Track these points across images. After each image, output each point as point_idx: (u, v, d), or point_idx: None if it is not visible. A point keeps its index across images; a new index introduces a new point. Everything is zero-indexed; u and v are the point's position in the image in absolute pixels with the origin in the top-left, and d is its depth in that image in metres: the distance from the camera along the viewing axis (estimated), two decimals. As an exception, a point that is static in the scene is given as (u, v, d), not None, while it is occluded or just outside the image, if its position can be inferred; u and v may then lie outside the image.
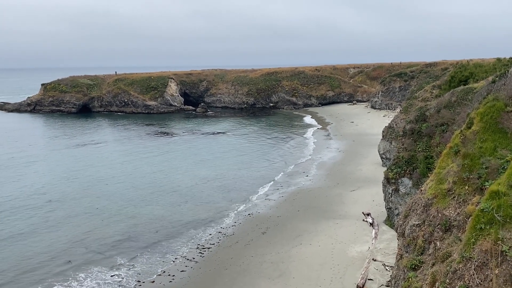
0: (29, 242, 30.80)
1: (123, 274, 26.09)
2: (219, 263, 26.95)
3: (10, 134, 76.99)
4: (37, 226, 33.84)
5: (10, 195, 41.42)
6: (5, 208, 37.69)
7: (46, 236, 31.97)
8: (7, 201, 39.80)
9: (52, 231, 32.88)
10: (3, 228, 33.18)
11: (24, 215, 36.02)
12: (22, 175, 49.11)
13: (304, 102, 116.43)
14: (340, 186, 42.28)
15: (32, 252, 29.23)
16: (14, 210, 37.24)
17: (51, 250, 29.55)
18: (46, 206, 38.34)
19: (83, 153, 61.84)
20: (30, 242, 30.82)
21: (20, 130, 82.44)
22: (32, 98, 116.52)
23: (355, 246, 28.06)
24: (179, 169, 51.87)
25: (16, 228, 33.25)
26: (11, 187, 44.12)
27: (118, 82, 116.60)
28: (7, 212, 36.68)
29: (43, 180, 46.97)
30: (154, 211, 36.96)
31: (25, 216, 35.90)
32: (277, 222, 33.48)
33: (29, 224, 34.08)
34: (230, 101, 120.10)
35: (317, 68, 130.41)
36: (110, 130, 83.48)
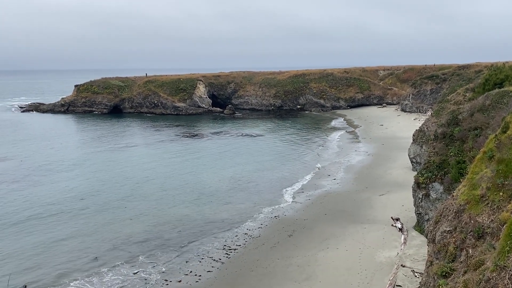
0: (59, 238, 31.70)
1: (149, 272, 26.49)
2: (245, 264, 27.02)
3: (44, 134, 79.56)
4: (68, 223, 34.80)
5: (44, 194, 42.77)
6: (39, 205, 38.93)
7: (76, 232, 32.86)
8: (42, 199, 41.09)
9: (82, 228, 33.75)
10: (36, 224, 34.27)
11: (56, 213, 37.11)
12: (55, 174, 50.64)
13: (332, 104, 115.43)
14: (368, 190, 41.67)
15: (61, 248, 30.10)
16: (48, 208, 38.42)
17: (79, 246, 30.39)
18: (78, 205, 39.39)
19: (114, 153, 63.26)
20: (61, 238, 31.71)
21: (54, 130, 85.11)
22: (65, 99, 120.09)
23: (384, 251, 27.57)
24: (206, 170, 52.33)
25: (47, 225, 34.29)
26: (45, 186, 45.56)
27: (148, 83, 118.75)
28: (41, 209, 37.88)
29: (76, 179, 48.31)
30: (181, 211, 37.41)
31: (57, 213, 36.98)
32: (303, 225, 33.29)
33: (60, 221, 35.09)
34: (258, 103, 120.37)
35: (346, 70, 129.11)
36: (141, 131, 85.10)
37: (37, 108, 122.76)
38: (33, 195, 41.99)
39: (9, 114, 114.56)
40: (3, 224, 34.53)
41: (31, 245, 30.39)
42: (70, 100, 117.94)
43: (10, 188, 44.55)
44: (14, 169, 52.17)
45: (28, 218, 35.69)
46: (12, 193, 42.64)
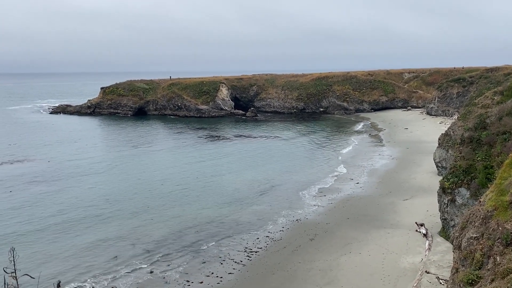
0: (82, 236, 32.42)
1: (170, 272, 26.74)
2: (266, 267, 26.99)
3: (71, 136, 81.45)
4: (91, 221, 35.56)
5: (69, 194, 43.77)
6: (65, 205, 39.86)
7: (98, 231, 33.57)
8: (67, 199, 42.06)
9: (104, 227, 34.44)
10: (60, 222, 35.08)
11: (82, 211, 37.93)
12: (81, 175, 51.77)
13: (356, 107, 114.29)
14: (392, 195, 41.06)
15: (83, 245, 30.78)
16: (73, 205, 39.30)
17: (101, 244, 31.04)
18: (103, 204, 40.17)
19: (139, 155, 64.25)
20: (83, 236, 32.44)
21: (81, 132, 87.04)
22: (92, 101, 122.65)
23: (407, 257, 27.11)
24: (228, 172, 52.58)
25: (71, 222, 35.04)
26: (71, 186, 46.62)
27: (172, 86, 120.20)
28: (66, 208, 38.77)
29: (101, 180, 49.29)
30: (203, 213, 37.68)
31: (82, 212, 37.79)
32: (325, 229, 33.04)
33: (85, 219, 35.82)
34: (280, 106, 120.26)
35: (370, 73, 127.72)
36: (164, 133, 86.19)
37: (64, 109, 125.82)
38: (59, 195, 43.04)
39: (38, 116, 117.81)
40: (30, 222, 35.46)
41: (53, 241, 31.11)
42: (96, 102, 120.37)
43: (38, 189, 45.78)
44: (42, 170, 53.58)
45: (54, 217, 36.56)
46: (39, 194, 43.79)
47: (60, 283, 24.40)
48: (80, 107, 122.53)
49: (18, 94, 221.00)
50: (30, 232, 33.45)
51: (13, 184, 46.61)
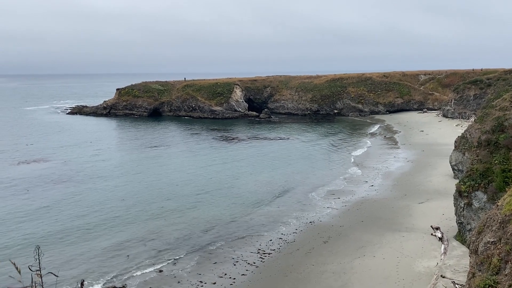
0: (96, 235, 32.81)
1: (182, 273, 26.85)
2: (279, 269, 26.93)
3: (87, 136, 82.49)
4: (106, 221, 35.93)
5: (84, 194, 44.32)
6: (80, 203, 40.37)
7: (111, 231, 33.90)
8: (82, 199, 42.59)
9: (118, 226, 34.77)
10: (74, 222, 35.53)
11: (97, 211, 38.35)
12: (97, 175, 52.37)
13: (371, 109, 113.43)
14: (407, 198, 40.61)
15: (97, 245, 31.12)
16: (89, 206, 39.77)
17: (114, 244, 31.36)
18: (118, 204, 40.57)
19: (154, 155, 64.75)
20: (97, 235, 32.83)
21: (97, 132, 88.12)
22: (108, 102, 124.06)
23: (422, 261, 26.76)
24: (242, 173, 52.64)
25: (86, 222, 35.46)
26: (86, 186, 47.20)
27: (187, 88, 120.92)
28: (81, 206, 39.26)
29: (116, 180, 49.79)
30: (216, 214, 37.79)
31: (97, 212, 38.21)
32: (339, 232, 32.83)
33: (100, 219, 36.21)
34: (294, 107, 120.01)
35: (385, 74, 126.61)
36: (179, 134, 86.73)
37: (80, 110, 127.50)
38: (75, 196, 43.59)
39: (55, 116, 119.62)
40: (47, 222, 36.00)
41: (68, 241, 31.52)
42: (112, 103, 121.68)
43: (55, 189, 46.43)
44: (58, 171, 54.35)
45: (69, 217, 37.05)
46: (56, 194, 44.43)
47: (83, 282, 24.82)
48: (96, 108, 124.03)
49: (34, 95, 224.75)
50: (48, 232, 33.93)
51: (30, 184, 47.38)
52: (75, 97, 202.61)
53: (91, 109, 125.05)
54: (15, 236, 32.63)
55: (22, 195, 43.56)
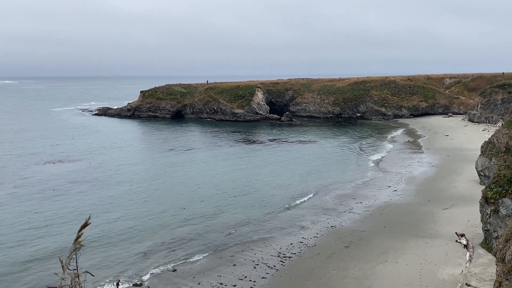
0: (117, 233, 33.30)
1: (204, 274, 26.94)
2: (300, 273, 26.77)
3: (112, 138, 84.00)
4: (129, 221, 36.41)
5: (109, 194, 45.10)
6: (103, 203, 41.09)
7: (132, 229, 34.38)
8: (107, 199, 43.34)
9: (139, 225, 35.26)
10: (98, 218, 36.15)
11: (121, 211, 38.96)
12: (120, 175, 53.24)
13: (394, 113, 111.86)
14: (431, 203, 39.84)
15: (117, 243, 31.69)
16: (112, 206, 40.45)
17: (133, 242, 31.88)
18: (142, 204, 41.14)
19: (177, 157, 65.45)
20: (118, 233, 33.31)
21: (121, 134, 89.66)
22: (132, 104, 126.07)
23: (446, 268, 26.18)
24: (263, 175, 52.65)
25: (109, 222, 36.04)
26: (110, 187, 48.04)
27: (209, 90, 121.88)
28: (104, 206, 39.95)
29: (140, 181, 50.52)
30: (237, 215, 37.89)
31: (122, 212, 38.81)
32: (361, 237, 32.44)
33: (123, 219, 36.75)
34: (316, 111, 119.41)
35: (409, 78, 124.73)
36: (201, 136, 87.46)
37: (105, 112, 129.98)
38: (99, 196, 44.39)
39: (81, 118, 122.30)
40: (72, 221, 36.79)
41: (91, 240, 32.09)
42: (136, 105, 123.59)
43: (80, 189, 47.40)
44: (83, 171, 55.50)
45: (93, 214, 37.72)
46: (80, 194, 45.34)
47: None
48: (121, 109, 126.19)
49: (62, 96, 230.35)
50: (74, 231, 34.64)
51: (56, 184, 48.51)
52: (100, 99, 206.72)
53: (115, 111, 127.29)
54: (45, 236, 33.44)
55: (47, 192, 44.60)
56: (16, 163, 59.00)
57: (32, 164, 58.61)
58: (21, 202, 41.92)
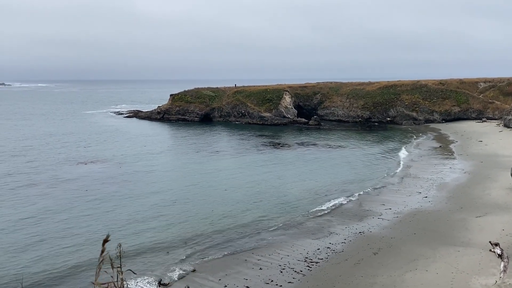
0: (145, 231, 33.84)
1: (230, 277, 26.99)
2: (326, 279, 26.46)
3: (142, 140, 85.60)
4: (157, 221, 36.97)
5: (139, 194, 45.93)
6: (133, 204, 41.85)
7: (159, 229, 34.85)
8: (137, 200, 44.13)
9: (165, 226, 35.77)
10: (127, 219, 36.85)
11: (150, 212, 39.59)
12: (150, 176, 54.15)
13: (426, 117, 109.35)
14: (464, 211, 38.67)
15: (144, 241, 32.23)
16: (139, 206, 41.15)
17: (159, 242, 32.42)
18: (170, 206, 41.69)
19: (205, 159, 66.06)
20: (147, 231, 33.84)
21: (151, 136, 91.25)
22: (161, 107, 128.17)
23: (479, 278, 25.30)
24: (290, 179, 52.44)
25: (138, 221, 36.66)
26: (140, 187, 48.91)
27: (237, 94, 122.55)
28: (134, 206, 40.69)
29: (169, 183, 51.24)
30: (263, 219, 37.85)
31: (151, 212, 39.43)
32: (390, 244, 31.80)
33: (151, 219, 37.32)
34: (344, 115, 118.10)
35: (441, 82, 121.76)
36: (229, 139, 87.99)
37: (136, 114, 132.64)
38: (128, 196, 45.25)
39: (112, 120, 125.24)
40: (104, 221, 37.63)
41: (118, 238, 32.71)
42: (166, 108, 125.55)
43: (111, 190, 48.47)
44: (114, 172, 56.76)
45: (123, 213, 38.51)
46: (112, 195, 46.35)
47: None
48: (151, 112, 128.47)
49: (94, 99, 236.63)
50: (108, 229, 35.44)
51: (88, 184, 49.77)
52: (131, 102, 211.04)
53: (146, 114, 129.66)
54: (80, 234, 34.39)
55: (80, 192, 45.82)
56: (50, 164, 60.90)
57: (66, 165, 60.34)
58: (55, 201, 43.22)
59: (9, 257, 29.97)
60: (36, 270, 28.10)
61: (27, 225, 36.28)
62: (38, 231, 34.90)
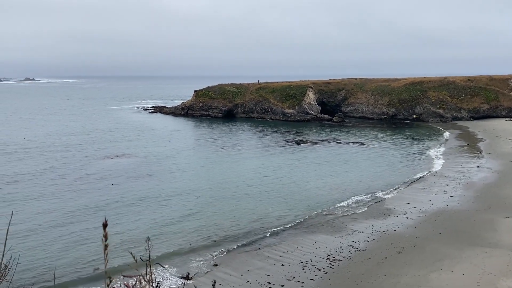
0: (168, 228, 34.31)
1: (251, 273, 27.09)
2: (349, 277, 26.27)
3: (167, 135, 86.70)
4: (180, 215, 37.47)
5: (163, 187, 46.59)
6: (159, 198, 42.47)
7: (182, 223, 35.44)
8: (162, 193, 44.76)
9: (189, 221, 36.18)
10: (151, 209, 37.43)
11: (174, 207, 40.11)
12: (174, 171, 54.83)
13: (453, 115, 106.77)
14: (491, 211, 37.69)
15: (168, 231, 32.75)
16: (163, 200, 41.75)
17: (181, 236, 33.00)
18: (194, 201, 42.16)
19: (228, 155, 66.42)
20: (169, 228, 34.31)
21: (175, 131, 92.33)
22: (186, 103, 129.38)
23: (508, 280, 24.64)
24: (313, 176, 52.20)
25: (163, 214, 37.20)
26: (165, 181, 49.59)
27: (260, 90, 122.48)
28: (158, 200, 41.30)
29: (193, 177, 51.80)
30: (285, 215, 37.84)
31: (175, 207, 39.95)
32: (414, 243, 31.30)
33: (175, 213, 37.81)
34: (369, 111, 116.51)
35: (470, 78, 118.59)
36: (252, 135, 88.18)
37: (160, 110, 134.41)
38: (153, 190, 45.94)
39: (137, 115, 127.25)
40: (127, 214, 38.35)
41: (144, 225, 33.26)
42: (190, 104, 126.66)
43: (136, 184, 49.32)
44: (139, 166, 57.72)
45: (149, 208, 39.16)
46: (137, 189, 47.16)
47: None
48: (175, 108, 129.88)
49: (120, 95, 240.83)
50: (127, 223, 36.13)
51: (114, 178, 50.78)
52: (156, 97, 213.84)
53: (170, 109, 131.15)
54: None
55: (106, 186, 46.81)
56: (78, 158, 62.40)
57: (93, 159, 61.71)
58: (83, 193, 44.31)
59: (41, 249, 30.91)
60: (67, 262, 28.90)
61: (57, 218, 37.34)
62: (66, 224, 35.88)
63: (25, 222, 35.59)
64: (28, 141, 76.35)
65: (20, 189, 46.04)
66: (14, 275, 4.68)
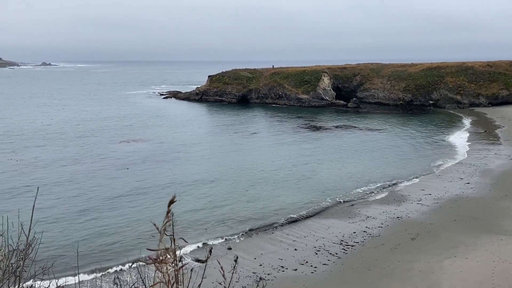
0: (183, 211, 34.75)
1: (265, 257, 27.40)
2: (362, 262, 26.39)
3: (181, 120, 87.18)
4: (195, 199, 37.88)
5: (179, 173, 47.09)
6: (172, 181, 43.00)
7: (197, 206, 35.92)
8: (177, 177, 45.25)
9: (203, 204, 36.68)
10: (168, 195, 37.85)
11: (188, 191, 40.58)
12: (189, 157, 55.28)
13: (471, 101, 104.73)
14: (508, 198, 37.24)
15: (185, 216, 33.21)
16: (178, 184, 42.23)
17: (195, 219, 33.66)
18: (208, 185, 42.59)
19: (242, 141, 66.65)
20: (184, 211, 34.76)
21: (190, 116, 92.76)
22: (200, 89, 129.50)
23: (523, 268, 24.46)
24: (327, 162, 52.12)
25: (178, 198, 37.65)
26: (180, 166, 50.09)
27: (274, 75, 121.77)
28: (173, 183, 41.83)
29: (208, 163, 52.22)
30: (298, 201, 38.00)
31: (189, 191, 40.42)
32: (429, 230, 31.19)
33: (190, 197, 38.26)
34: (385, 97, 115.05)
35: (489, 64, 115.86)
36: (266, 121, 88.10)
37: (175, 95, 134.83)
38: (169, 175, 46.48)
39: (153, 100, 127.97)
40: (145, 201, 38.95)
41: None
42: (204, 89, 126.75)
43: (151, 167, 49.91)
44: (154, 151, 58.36)
45: (162, 191, 39.71)
46: (152, 173, 47.74)
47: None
48: (189, 93, 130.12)
49: (135, 80, 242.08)
50: (145, 207, 36.72)
51: (129, 162, 51.50)
52: (170, 83, 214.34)
53: (184, 95, 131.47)
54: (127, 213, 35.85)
55: (122, 170, 47.50)
56: (94, 142, 63.30)
57: (109, 143, 62.54)
58: (99, 177, 45.08)
59: (66, 226, 31.71)
60: (90, 239, 29.64)
61: (77, 201, 38.16)
62: (88, 204, 36.67)
63: (46, 207, 36.43)
64: (46, 125, 77.67)
65: (39, 174, 47.04)
66: (36, 255, 4.82)
